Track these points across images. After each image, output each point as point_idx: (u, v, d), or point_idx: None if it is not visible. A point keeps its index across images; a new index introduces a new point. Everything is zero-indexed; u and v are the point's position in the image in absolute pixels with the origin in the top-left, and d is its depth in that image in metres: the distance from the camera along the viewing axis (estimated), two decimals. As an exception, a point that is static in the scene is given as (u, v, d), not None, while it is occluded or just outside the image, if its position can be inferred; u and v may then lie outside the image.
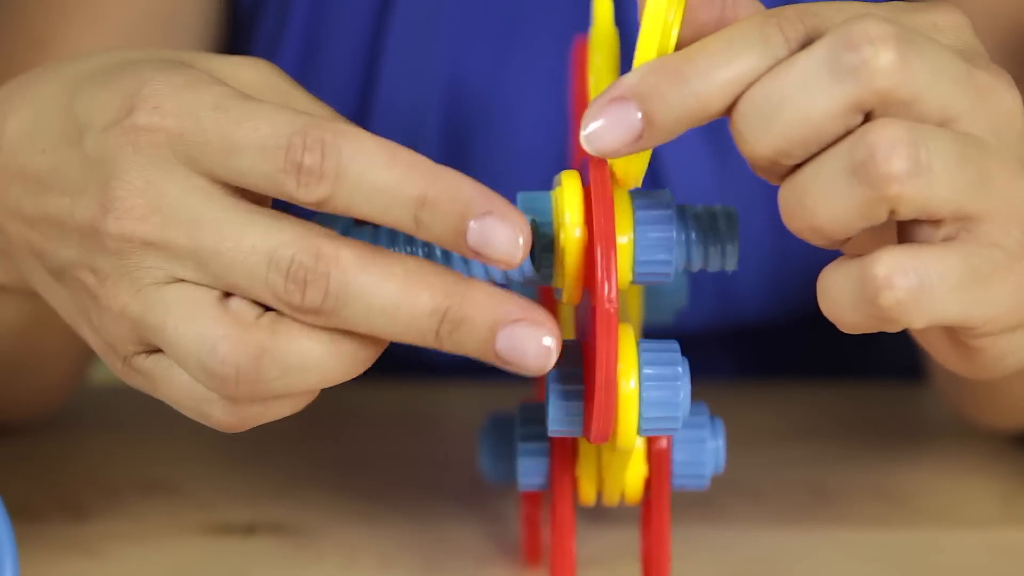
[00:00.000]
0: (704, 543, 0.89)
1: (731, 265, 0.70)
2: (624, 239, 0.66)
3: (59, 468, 0.95)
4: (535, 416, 0.75)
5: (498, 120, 1.09)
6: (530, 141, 1.08)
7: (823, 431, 1.00)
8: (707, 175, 1.10)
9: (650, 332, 0.94)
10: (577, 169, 0.72)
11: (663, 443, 0.74)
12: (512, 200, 1.03)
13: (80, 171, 0.69)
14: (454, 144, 1.08)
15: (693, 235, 0.69)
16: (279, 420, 0.71)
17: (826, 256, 1.07)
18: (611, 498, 0.77)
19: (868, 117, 0.63)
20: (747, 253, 1.11)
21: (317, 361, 0.66)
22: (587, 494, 0.76)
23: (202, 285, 0.67)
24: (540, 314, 0.64)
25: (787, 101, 0.61)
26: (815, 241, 0.64)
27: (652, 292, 0.85)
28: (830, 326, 1.00)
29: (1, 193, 0.74)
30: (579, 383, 0.68)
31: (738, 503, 0.91)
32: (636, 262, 0.67)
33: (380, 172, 0.65)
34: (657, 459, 0.75)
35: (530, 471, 0.75)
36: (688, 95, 0.62)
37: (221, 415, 0.69)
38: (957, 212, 0.62)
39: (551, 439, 0.75)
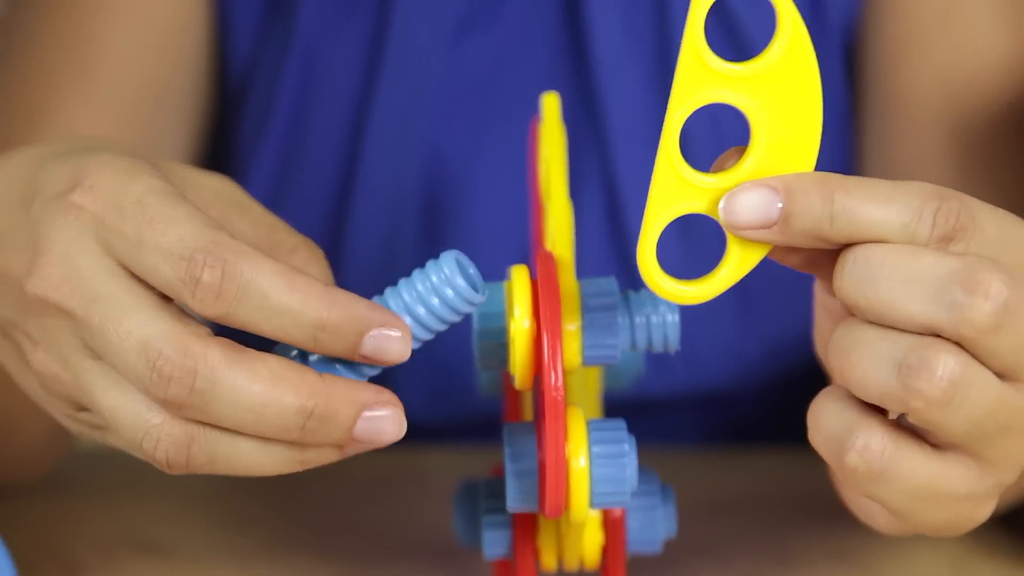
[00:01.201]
0: None
1: (673, 346, 0.73)
2: (572, 326, 0.70)
3: (55, 528, 0.96)
4: (498, 491, 0.77)
5: (473, 196, 1.11)
6: (503, 215, 1.10)
7: (784, 496, 1.01)
8: (674, 251, 1.10)
9: (612, 399, 0.96)
10: (535, 250, 0.76)
11: (616, 512, 0.77)
12: (491, 244, 1.05)
13: (23, 233, 0.72)
14: (432, 218, 1.11)
15: (637, 319, 0.73)
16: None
17: (786, 328, 1.10)
18: (570, 564, 0.79)
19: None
20: (711, 324, 1.13)
21: (245, 454, 0.70)
22: (548, 561, 0.78)
23: None
24: (387, 394, 0.69)
25: (891, 284, 0.64)
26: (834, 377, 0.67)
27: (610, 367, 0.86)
28: (791, 395, 1.02)
29: None
30: (533, 462, 0.71)
31: (703, 566, 0.93)
32: (584, 346, 0.70)
33: (281, 297, 0.68)
34: (612, 527, 0.77)
35: (494, 542, 0.78)
36: (827, 216, 0.64)
37: (167, 468, 0.71)
38: (958, 445, 0.65)
39: (513, 516, 0.78)
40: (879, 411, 0.66)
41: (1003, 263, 0.65)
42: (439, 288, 0.70)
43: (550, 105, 0.79)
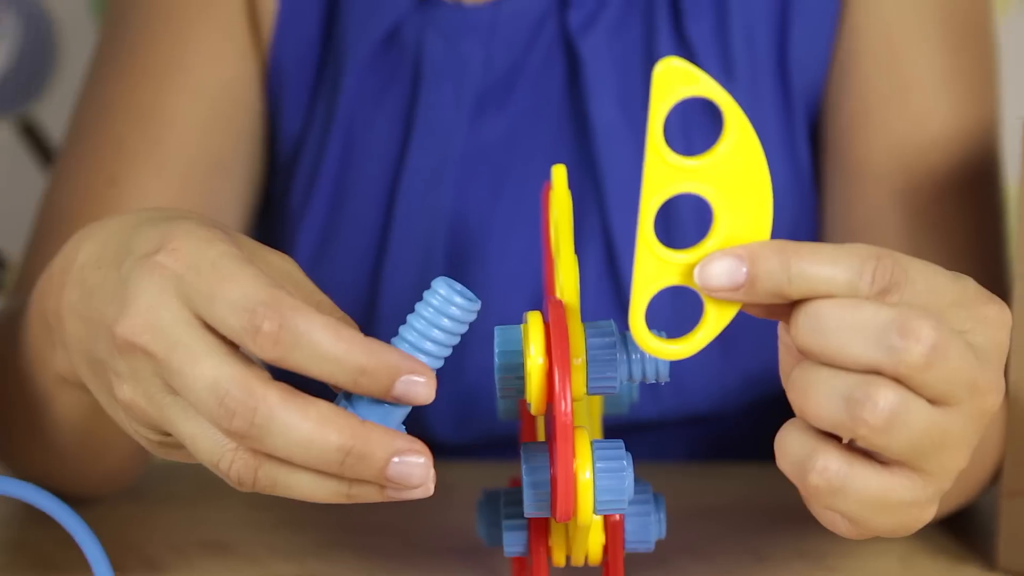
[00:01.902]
0: None
1: (664, 377, 0.75)
2: (579, 361, 0.72)
3: (136, 531, 0.98)
4: (516, 499, 0.79)
5: (491, 250, 1.12)
6: (516, 266, 1.12)
7: (759, 504, 1.02)
8: (665, 299, 1.12)
9: (611, 422, 0.99)
10: (547, 298, 0.78)
11: (616, 516, 0.78)
12: (510, 297, 1.07)
13: (115, 286, 0.74)
14: (456, 269, 1.12)
15: (632, 356, 0.75)
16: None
17: (760, 362, 1.10)
18: (577, 560, 0.80)
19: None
20: (696, 359, 1.05)
21: (302, 483, 0.72)
22: (558, 558, 0.81)
23: None
24: (419, 444, 0.71)
25: (838, 332, 0.66)
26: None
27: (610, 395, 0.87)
28: (765, 418, 1.04)
29: (68, 295, 0.78)
30: (546, 475, 0.74)
31: (690, 564, 0.95)
32: (589, 379, 0.72)
33: (329, 346, 0.70)
34: (612, 529, 0.79)
35: (513, 542, 0.80)
36: (785, 278, 0.67)
37: (238, 487, 0.73)
38: (901, 462, 0.67)
39: (529, 521, 0.80)
40: (834, 437, 0.68)
41: (932, 309, 0.67)
42: (442, 308, 0.71)
43: (559, 176, 0.79)
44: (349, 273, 1.15)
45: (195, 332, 0.71)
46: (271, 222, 1.19)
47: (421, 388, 0.71)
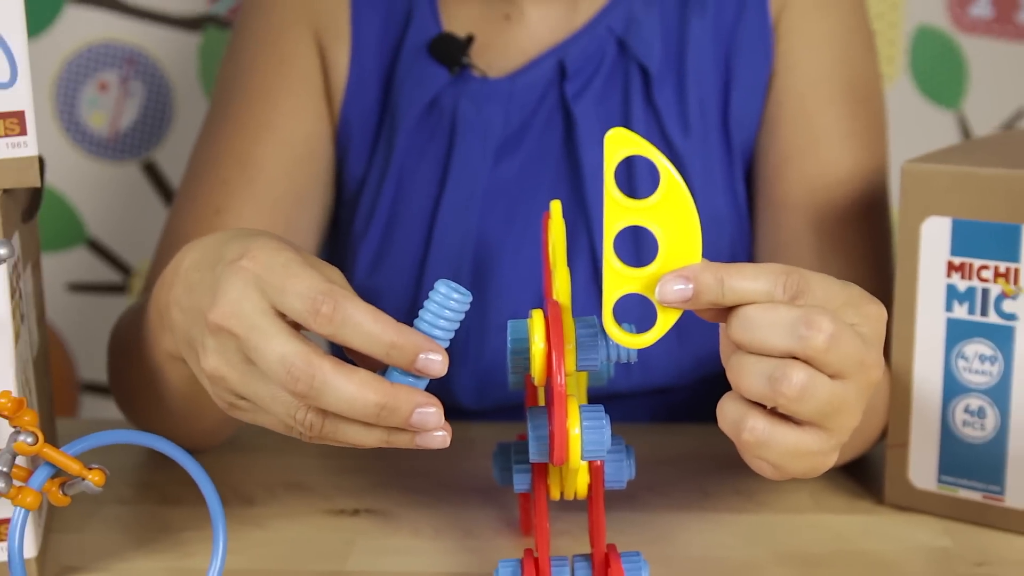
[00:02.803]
0: (629, 521, 0.92)
1: (632, 358, 0.76)
2: (570, 346, 0.73)
3: (235, 475, 0.99)
4: (522, 449, 0.80)
5: (506, 263, 1.11)
6: (524, 275, 1.10)
7: (706, 454, 1.02)
8: (634, 302, 1.11)
9: (594, 392, 1.00)
10: (546, 299, 0.77)
11: (597, 462, 0.78)
12: (520, 297, 1.05)
13: (210, 283, 0.74)
14: (479, 278, 1.11)
15: (609, 342, 0.75)
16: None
17: (708, 345, 1.09)
18: (568, 495, 0.80)
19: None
20: (658, 343, 1.04)
21: (354, 432, 0.72)
22: (555, 493, 0.80)
23: None
24: (433, 399, 0.71)
25: (760, 328, 0.67)
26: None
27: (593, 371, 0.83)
28: (712, 389, 1.04)
29: (175, 292, 0.78)
30: (546, 430, 0.74)
31: (653, 499, 0.95)
32: (577, 359, 0.73)
33: (369, 325, 0.70)
34: (594, 471, 0.78)
35: (521, 481, 0.80)
36: (720, 291, 0.68)
37: (307, 438, 0.74)
38: (810, 422, 0.69)
39: (532, 464, 0.79)
40: (760, 405, 0.69)
41: (829, 308, 0.68)
42: (444, 303, 0.71)
43: (556, 209, 0.79)
44: (397, 281, 1.14)
45: (269, 317, 0.72)
46: (338, 242, 1.18)
47: (437, 364, 0.71)
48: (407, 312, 1.12)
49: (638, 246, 1.07)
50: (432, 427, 0.71)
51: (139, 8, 1.69)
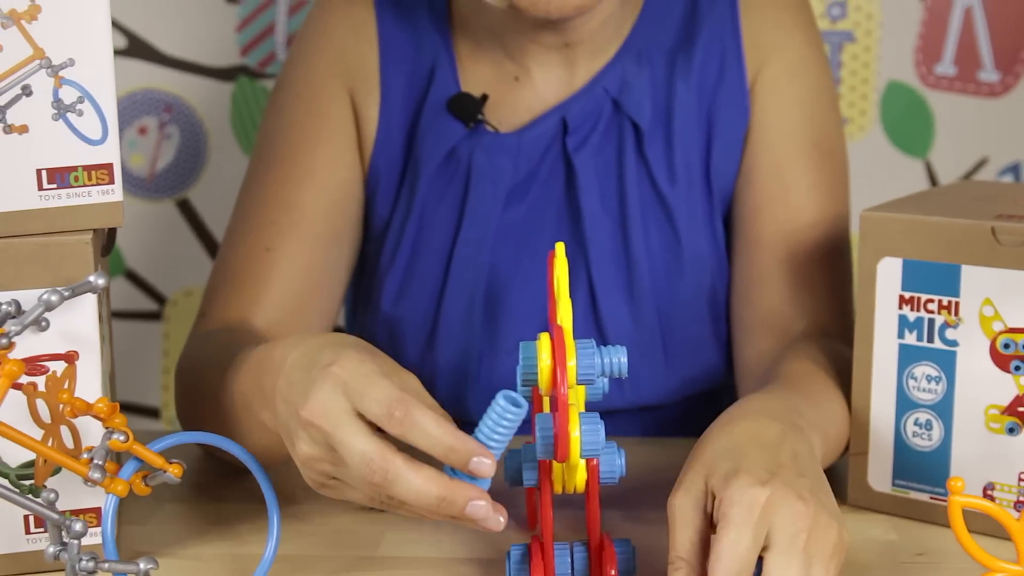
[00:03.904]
0: (621, 518, 1.00)
1: (623, 374, 0.82)
2: (572, 363, 0.80)
3: (279, 477, 0.98)
4: (531, 451, 0.86)
5: (515, 294, 1.17)
6: (531, 305, 1.17)
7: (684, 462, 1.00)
8: (627, 321, 1.17)
9: (591, 407, 1.03)
10: (552, 324, 0.84)
11: (594, 460, 0.84)
12: (527, 326, 1.10)
13: (305, 384, 0.82)
14: (491, 307, 1.17)
15: (604, 359, 0.82)
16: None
17: (692, 368, 1.14)
18: (569, 488, 0.87)
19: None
20: (647, 365, 1.17)
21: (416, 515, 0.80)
22: (557, 487, 0.87)
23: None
24: (485, 496, 0.79)
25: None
26: None
27: (590, 388, 0.90)
28: (702, 406, 1.12)
29: (280, 384, 0.85)
30: (551, 433, 0.81)
31: (640, 499, 1.02)
32: (578, 374, 0.80)
33: (434, 430, 0.78)
34: (591, 468, 0.84)
35: (529, 477, 0.86)
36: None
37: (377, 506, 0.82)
38: None
39: (538, 460, 0.86)
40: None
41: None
42: (502, 415, 0.79)
43: (559, 249, 0.86)
44: (419, 309, 1.19)
45: (351, 417, 0.79)
46: (365, 276, 1.24)
47: (486, 467, 0.78)
48: (425, 338, 1.18)
49: (629, 260, 1.15)
50: (481, 517, 0.79)
51: (177, 59, 1.76)
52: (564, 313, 0.83)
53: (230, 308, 1.16)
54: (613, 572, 0.85)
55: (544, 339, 0.81)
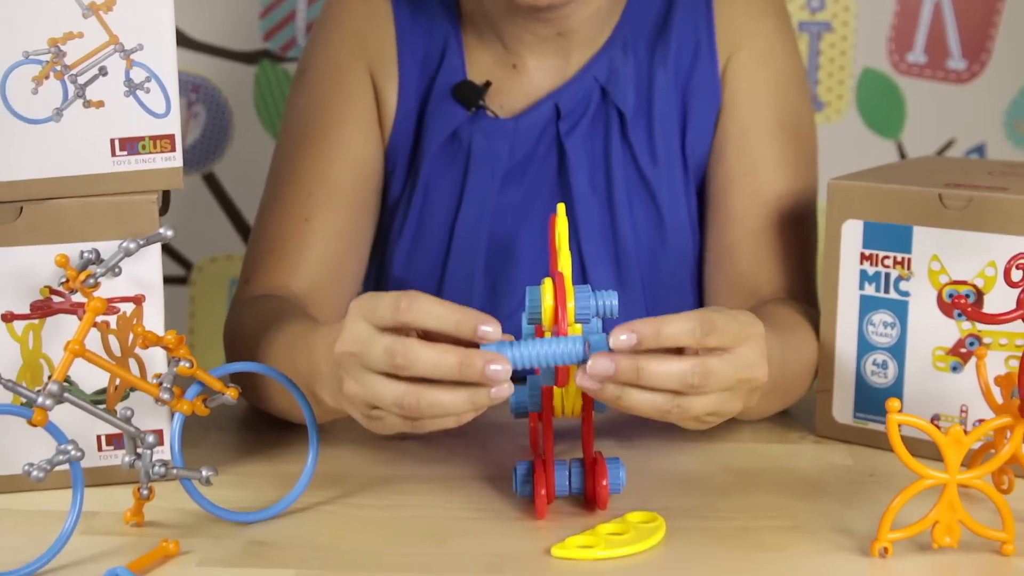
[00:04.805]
0: (613, 444, 1.09)
1: (615, 314, 0.90)
2: (571, 304, 0.88)
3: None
4: (536, 382, 0.95)
5: (511, 267, 1.25)
6: (527, 277, 1.25)
7: None
8: (611, 280, 1.27)
9: None
10: (551, 276, 0.92)
11: (590, 394, 0.88)
12: (523, 293, 1.19)
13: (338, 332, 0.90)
14: (490, 277, 1.25)
15: (598, 301, 0.90)
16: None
17: (677, 309, 1.12)
18: (568, 413, 0.96)
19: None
20: (630, 308, 1.26)
21: (444, 397, 0.85)
22: (558, 411, 0.95)
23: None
24: (502, 358, 0.84)
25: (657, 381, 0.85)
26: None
27: (585, 326, 0.92)
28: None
29: (322, 348, 0.95)
30: (552, 368, 0.89)
31: (629, 431, 1.12)
32: (576, 313, 0.88)
33: (437, 309, 0.85)
34: (586, 397, 0.94)
35: (535, 404, 0.96)
36: (656, 338, 0.84)
37: (410, 429, 0.89)
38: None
39: (542, 387, 0.94)
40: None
41: (727, 340, 0.86)
42: (557, 344, 0.86)
43: (561, 209, 0.94)
44: (425, 276, 1.26)
45: (373, 332, 0.87)
46: (379, 244, 1.31)
47: (490, 334, 0.84)
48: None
49: (615, 236, 1.24)
50: (503, 379, 0.84)
51: (204, 44, 1.84)
52: (564, 263, 0.92)
53: (273, 275, 1.22)
54: (604, 483, 0.98)
55: (547, 283, 0.90)
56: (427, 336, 0.88)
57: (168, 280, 1.87)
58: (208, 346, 1.80)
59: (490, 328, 0.84)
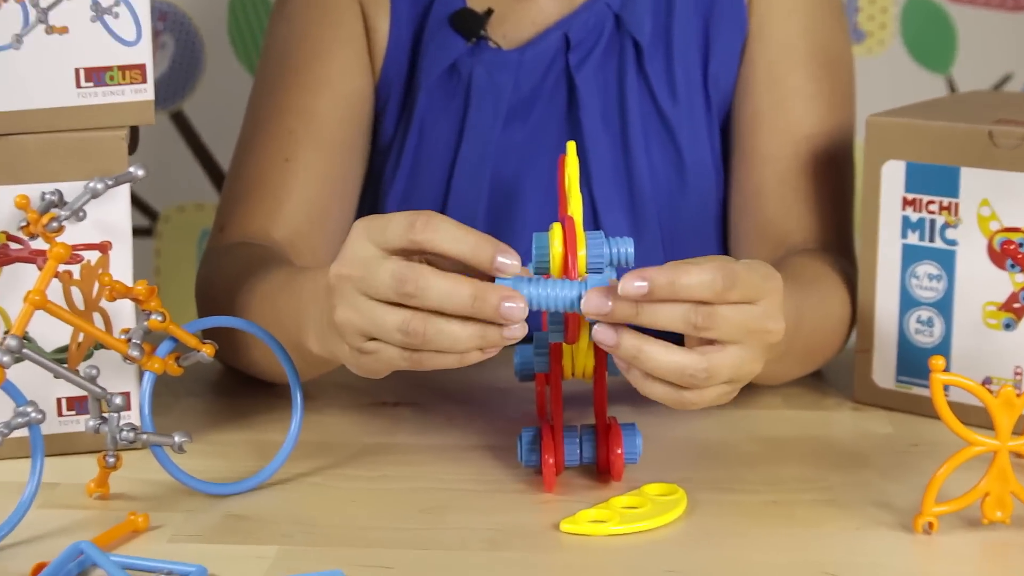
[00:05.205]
0: (628, 410, 1.11)
1: (631, 263, 0.91)
2: (582, 252, 0.90)
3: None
4: (543, 339, 0.96)
5: (517, 211, 1.28)
6: (534, 210, 1.28)
7: None
8: (626, 226, 1.30)
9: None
10: (560, 221, 0.93)
11: (602, 352, 0.95)
12: (530, 241, 1.12)
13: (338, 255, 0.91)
14: (493, 222, 1.29)
15: (613, 249, 0.91)
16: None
17: (691, 255, 1.14)
18: (579, 373, 0.98)
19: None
20: (648, 254, 1.28)
21: (452, 328, 0.86)
22: (567, 371, 0.97)
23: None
24: (516, 293, 0.85)
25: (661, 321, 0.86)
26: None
27: (597, 278, 0.91)
28: None
29: (309, 292, 0.97)
30: (561, 316, 0.91)
31: (634, 395, 1.03)
32: (588, 262, 0.89)
33: (455, 230, 0.86)
34: (599, 354, 0.96)
35: (541, 363, 0.97)
36: (670, 289, 0.85)
37: (407, 365, 0.89)
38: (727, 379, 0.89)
39: (550, 345, 0.96)
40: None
41: (750, 290, 0.87)
42: (561, 285, 0.87)
43: (571, 148, 0.97)
44: None
45: (378, 255, 0.88)
46: (370, 187, 1.34)
47: (508, 265, 0.86)
48: None
49: (630, 177, 1.27)
50: (518, 318, 0.86)
51: None
52: (575, 206, 0.94)
53: (250, 221, 1.25)
54: (619, 451, 1.00)
55: (556, 228, 0.92)
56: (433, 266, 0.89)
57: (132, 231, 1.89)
58: (176, 307, 1.78)
59: (508, 260, 0.86)
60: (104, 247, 1.05)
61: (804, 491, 1.02)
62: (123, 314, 1.06)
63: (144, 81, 1.05)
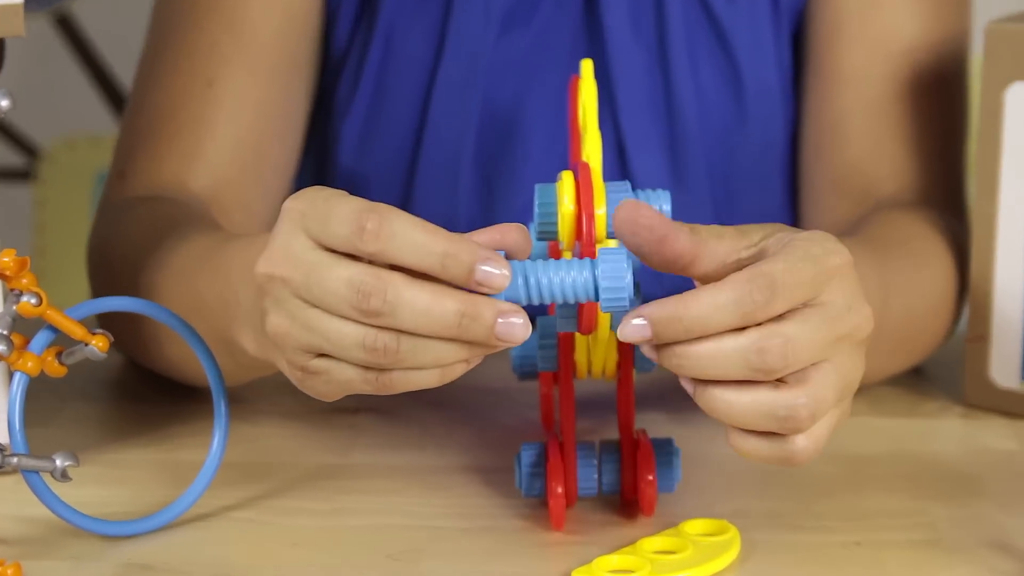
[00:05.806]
0: (658, 418, 1.13)
1: (667, 210, 0.90)
2: (601, 211, 0.87)
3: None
4: (549, 326, 0.95)
5: (518, 140, 1.28)
6: (542, 151, 1.28)
7: None
8: (667, 184, 1.28)
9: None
10: (571, 169, 0.92)
11: (627, 345, 0.93)
12: (531, 191, 1.21)
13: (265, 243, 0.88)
14: (484, 165, 1.29)
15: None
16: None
17: (755, 215, 1.24)
18: (597, 372, 0.96)
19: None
20: (695, 217, 1.25)
21: (432, 350, 0.84)
22: (582, 370, 0.96)
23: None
24: (518, 307, 0.84)
25: (713, 367, 0.84)
26: None
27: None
28: None
29: (240, 268, 0.95)
30: (575, 308, 0.90)
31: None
32: (608, 224, 0.87)
33: (419, 235, 0.82)
34: (623, 348, 0.95)
35: (546, 358, 0.96)
36: (680, 328, 0.83)
37: (370, 389, 0.87)
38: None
39: (559, 335, 0.95)
40: None
41: (798, 295, 0.85)
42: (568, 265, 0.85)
43: (587, 68, 0.94)
44: (387, 165, 1.30)
45: (321, 253, 0.85)
46: (320, 115, 1.36)
47: (496, 277, 0.83)
48: (400, 202, 1.30)
49: (670, 104, 1.28)
50: (519, 339, 0.84)
51: None
52: (592, 148, 0.92)
53: (160, 166, 1.26)
54: (650, 476, 0.99)
55: (567, 179, 0.91)
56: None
57: (4, 174, 1.90)
58: (64, 274, 1.80)
59: (494, 269, 0.84)
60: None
61: (897, 529, 1.02)
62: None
63: (11, -21, 1.04)
